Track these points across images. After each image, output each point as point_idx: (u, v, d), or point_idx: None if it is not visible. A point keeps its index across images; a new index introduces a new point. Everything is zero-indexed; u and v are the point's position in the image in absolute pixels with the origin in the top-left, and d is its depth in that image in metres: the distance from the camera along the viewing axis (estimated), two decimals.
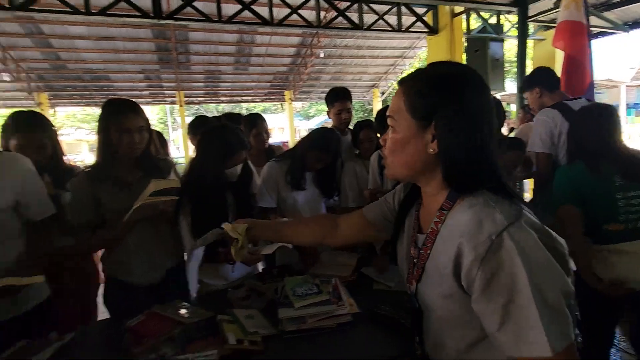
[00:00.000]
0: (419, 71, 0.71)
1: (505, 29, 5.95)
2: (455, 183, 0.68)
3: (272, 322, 1.26)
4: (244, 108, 35.29)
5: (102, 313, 1.71)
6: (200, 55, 11.23)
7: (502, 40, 5.49)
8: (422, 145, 0.67)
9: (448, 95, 0.65)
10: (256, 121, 2.39)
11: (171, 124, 27.92)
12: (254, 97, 16.12)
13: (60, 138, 1.80)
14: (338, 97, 2.28)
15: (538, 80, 2.31)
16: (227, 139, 1.49)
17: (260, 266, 1.85)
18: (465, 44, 5.74)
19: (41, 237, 1.40)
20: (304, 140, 1.81)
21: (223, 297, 1.48)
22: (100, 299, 1.71)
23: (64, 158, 1.77)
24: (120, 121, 1.39)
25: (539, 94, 2.28)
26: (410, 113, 0.68)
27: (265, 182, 1.81)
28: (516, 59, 5.20)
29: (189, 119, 15.93)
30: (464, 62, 5.80)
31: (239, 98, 15.99)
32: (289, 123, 16.55)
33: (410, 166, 0.71)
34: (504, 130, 3.93)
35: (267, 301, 1.42)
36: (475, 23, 5.75)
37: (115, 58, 10.65)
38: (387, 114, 0.72)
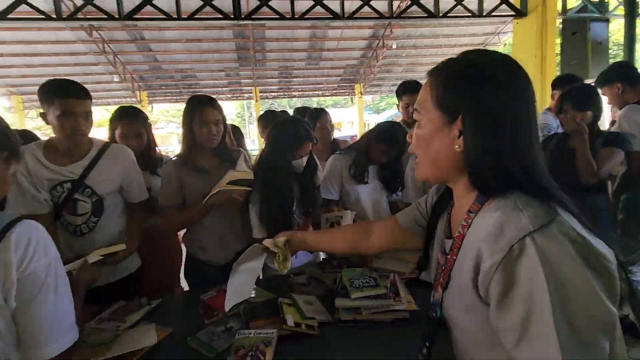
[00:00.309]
0: (449, 60, 0.64)
1: (610, 7, 5.11)
2: (481, 183, 0.61)
3: (329, 310, 1.30)
4: (314, 102, 36.08)
5: (183, 285, 1.93)
6: (275, 52, 11.76)
7: (606, 21, 4.73)
8: (448, 141, 0.61)
9: (477, 87, 0.58)
10: (319, 115, 2.45)
11: (247, 118, 29.83)
12: (324, 92, 16.38)
13: (154, 131, 2.07)
14: (407, 90, 2.22)
15: (619, 75, 2.18)
16: (294, 130, 1.56)
17: (322, 255, 1.91)
18: (561, 25, 5.07)
19: (136, 217, 1.65)
20: (369, 133, 1.81)
21: (285, 282, 1.57)
22: (181, 273, 1.93)
23: (157, 149, 2.03)
24: (200, 115, 1.56)
25: (620, 89, 2.14)
26: (436, 106, 0.62)
27: (329, 174, 1.85)
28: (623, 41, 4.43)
29: None
30: (559, 47, 5.14)
31: (310, 92, 16.38)
32: (358, 117, 16.43)
33: (437, 164, 0.65)
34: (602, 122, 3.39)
35: (326, 289, 1.47)
36: (573, 1, 5.04)
37: (201, 58, 11.72)
38: (414, 107, 0.67)
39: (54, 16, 3.75)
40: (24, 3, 3.55)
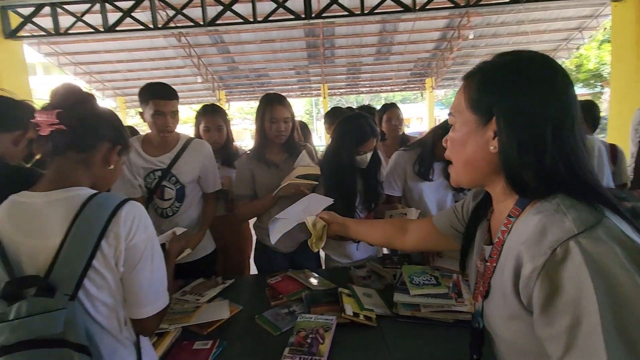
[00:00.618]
0: (482, 63, 0.63)
1: None
2: (520, 186, 0.58)
3: (387, 304, 1.31)
4: (382, 98, 35.43)
5: (252, 268, 2.10)
6: (344, 49, 11.80)
7: None
8: (483, 142, 0.60)
9: (510, 86, 0.57)
10: (387, 107, 2.46)
11: (315, 114, 30.48)
12: (392, 87, 16.01)
13: (231, 127, 2.27)
14: None
15: None
16: (359, 126, 1.59)
17: (383, 250, 1.91)
18: None
19: (209, 205, 1.84)
20: (436, 129, 1.75)
21: (345, 273, 1.62)
22: (251, 257, 2.10)
23: (234, 143, 2.23)
24: (271, 112, 1.67)
25: None
26: (470, 108, 0.61)
27: (392, 170, 1.84)
28: None
29: None
30: None
31: (378, 88, 16.15)
32: (428, 112, 15.70)
33: (473, 167, 0.63)
34: None
35: (385, 284, 1.49)
36: None
37: (273, 58, 12.30)
38: (449, 111, 0.66)
39: (151, 26, 4.29)
40: (128, 16, 4.13)
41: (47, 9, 4.24)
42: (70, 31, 4.37)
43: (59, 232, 0.72)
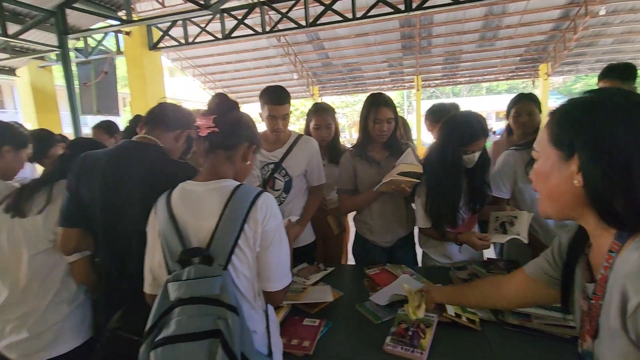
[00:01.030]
0: (568, 99, 0.64)
1: None
2: (615, 220, 0.57)
3: (493, 310, 1.27)
4: (483, 88, 32.29)
5: (349, 259, 2.21)
6: (442, 37, 11.12)
7: None
8: (566, 176, 0.61)
9: (591, 122, 0.58)
10: (517, 100, 2.02)
11: (407, 107, 29.47)
12: (497, 75, 14.49)
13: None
14: (607, 75, 1.81)
15: None
16: (469, 124, 1.53)
17: (485, 254, 1.82)
18: None
19: (313, 198, 1.97)
20: None
21: (443, 273, 1.60)
22: (349, 248, 2.19)
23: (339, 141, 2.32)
24: (376, 113, 1.73)
25: None
26: (552, 143, 0.63)
27: (500, 170, 1.73)
28: None
29: (423, 102, 16.15)
30: None
31: (479, 77, 14.79)
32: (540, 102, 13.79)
33: (556, 200, 0.64)
34: None
35: None
36: None
37: (366, 51, 12.27)
38: (533, 146, 0.68)
39: (260, 30, 4.73)
40: (242, 24, 4.62)
41: (178, 23, 5.01)
42: (196, 40, 5.10)
43: (215, 215, 0.90)
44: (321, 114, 2.20)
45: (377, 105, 1.73)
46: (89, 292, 1.30)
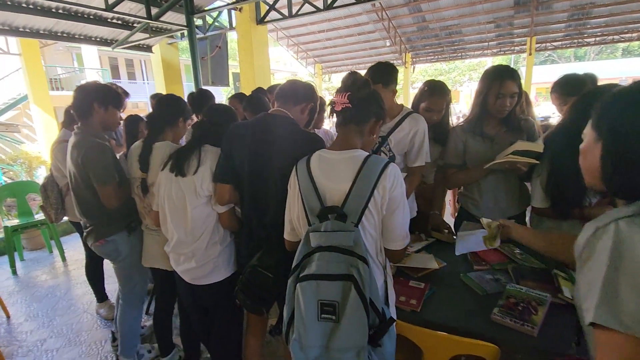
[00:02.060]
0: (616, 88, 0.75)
1: None
2: (613, 191, 0.73)
3: None
4: (619, 49, 26.42)
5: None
6: None
7: None
8: (596, 153, 0.72)
9: (615, 112, 0.69)
10: None
11: None
12: None
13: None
14: None
15: None
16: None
17: None
18: None
19: (414, 178, 1.91)
20: None
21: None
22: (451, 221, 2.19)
23: (450, 121, 2.14)
24: (500, 87, 1.63)
25: None
26: (592, 125, 0.75)
27: None
28: None
29: (536, 68, 13.99)
30: None
31: (616, 36, 12.10)
32: None
33: (590, 174, 0.77)
34: None
35: None
36: None
37: (470, 12, 11.04)
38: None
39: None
40: None
41: None
42: (299, 13, 5.29)
43: (348, 180, 1.05)
44: (437, 98, 1.99)
45: (501, 78, 1.63)
46: (233, 236, 1.61)
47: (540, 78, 18.46)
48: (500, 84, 1.62)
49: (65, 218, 2.64)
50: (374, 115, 1.14)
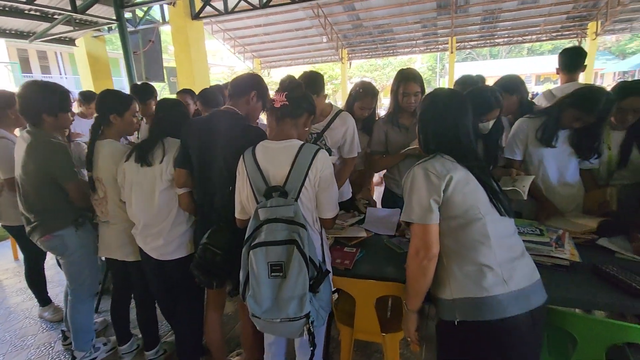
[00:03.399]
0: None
1: None
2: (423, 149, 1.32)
3: None
4: (525, 48, 30.09)
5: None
6: None
7: None
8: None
9: (422, 105, 1.35)
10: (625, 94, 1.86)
11: (439, 70, 28.26)
12: (539, 36, 13.60)
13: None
14: None
15: None
16: (486, 98, 1.78)
17: None
18: None
19: (346, 169, 2.20)
20: (564, 99, 1.80)
21: None
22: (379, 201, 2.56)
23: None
24: (404, 87, 2.01)
25: None
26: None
27: (515, 135, 1.97)
28: None
29: (458, 65, 15.45)
30: None
31: (519, 38, 13.92)
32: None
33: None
34: None
35: None
36: None
37: (399, 12, 11.86)
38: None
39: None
40: None
41: None
42: (236, 10, 5.34)
43: (288, 164, 1.29)
44: (369, 98, 2.27)
45: (405, 80, 2.01)
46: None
47: (461, 74, 20.31)
48: (405, 84, 2.00)
49: None
50: (307, 111, 1.39)
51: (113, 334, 2.34)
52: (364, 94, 2.26)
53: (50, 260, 2.84)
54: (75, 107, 3.77)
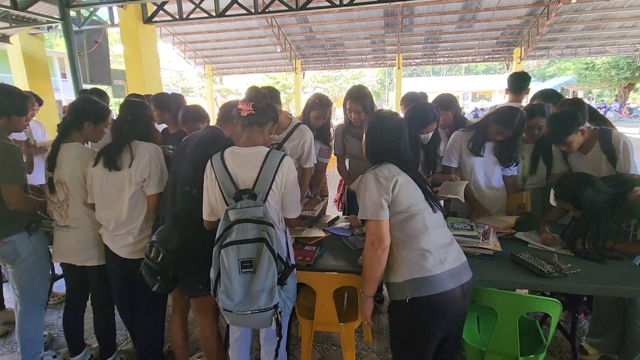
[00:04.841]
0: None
1: None
2: (368, 159, 1.54)
3: None
4: (462, 68, 33.02)
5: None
6: (424, 17, 11.46)
7: None
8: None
9: (369, 121, 1.59)
10: (531, 116, 2.22)
11: (388, 84, 29.84)
12: (474, 57, 15.09)
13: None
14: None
15: None
16: (425, 113, 2.06)
17: None
18: None
19: (306, 177, 2.49)
20: (489, 115, 2.14)
21: None
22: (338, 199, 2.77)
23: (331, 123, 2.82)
24: (348, 104, 2.28)
25: None
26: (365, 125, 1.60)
27: (451, 146, 2.29)
28: None
29: (404, 80, 16.53)
30: None
31: (457, 58, 15.34)
32: None
33: (364, 152, 1.59)
34: None
35: None
36: None
37: (349, 27, 12.44)
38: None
39: (252, 11, 5.00)
40: (235, 3, 4.88)
41: None
42: (190, 17, 5.31)
43: (256, 168, 1.41)
44: (324, 108, 2.43)
45: (349, 98, 2.27)
46: None
47: (408, 88, 21.76)
48: (349, 102, 2.27)
49: None
50: (272, 120, 1.53)
51: (60, 348, 2.24)
52: (320, 104, 2.44)
53: None
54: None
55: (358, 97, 2.25)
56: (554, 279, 1.52)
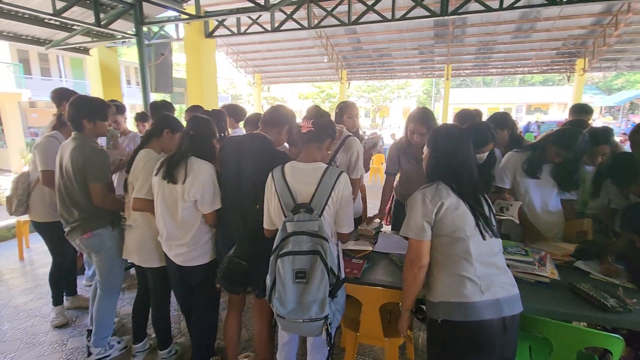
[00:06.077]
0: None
1: None
2: (428, 177, 1.52)
3: None
4: (517, 78, 31.33)
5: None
6: (476, 27, 11.10)
7: None
8: (426, 158, 1.54)
9: (433, 137, 1.56)
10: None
11: (434, 95, 29.11)
12: (531, 68, 14.29)
13: None
14: None
15: None
16: (484, 134, 2.02)
17: None
18: None
19: (354, 187, 2.55)
20: (547, 136, 2.06)
21: None
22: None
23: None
24: (412, 125, 2.25)
25: None
26: (427, 143, 1.56)
27: (504, 166, 2.22)
28: None
29: (453, 91, 16.07)
30: None
31: (512, 69, 14.60)
32: (574, 98, 13.38)
33: (424, 169, 1.55)
34: None
35: None
36: None
37: (398, 37, 12.37)
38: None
39: (306, 25, 5.21)
40: (290, 19, 5.12)
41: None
42: (248, 31, 5.65)
43: (314, 183, 1.50)
44: (352, 108, 2.64)
45: (413, 120, 2.24)
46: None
47: (456, 99, 21.15)
48: (413, 124, 2.24)
49: (26, 217, 2.69)
50: (330, 137, 1.62)
51: (125, 335, 2.47)
52: (346, 105, 2.63)
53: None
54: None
55: (423, 119, 2.23)
56: (617, 313, 1.43)
